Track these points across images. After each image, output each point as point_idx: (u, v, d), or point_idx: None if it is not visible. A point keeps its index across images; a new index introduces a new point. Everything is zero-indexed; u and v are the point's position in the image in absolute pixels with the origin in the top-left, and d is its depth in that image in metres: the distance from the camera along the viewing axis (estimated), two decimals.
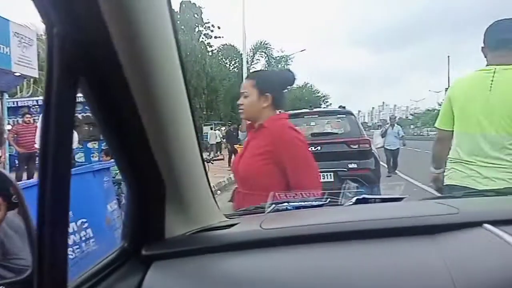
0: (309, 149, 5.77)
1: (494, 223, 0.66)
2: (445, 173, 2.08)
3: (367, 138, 5.46)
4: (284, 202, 1.13)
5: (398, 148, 9.91)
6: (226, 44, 27.34)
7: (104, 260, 0.66)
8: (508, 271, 0.53)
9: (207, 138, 17.58)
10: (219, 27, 27.28)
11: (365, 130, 5.83)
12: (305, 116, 5.77)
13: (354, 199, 1.02)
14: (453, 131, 1.99)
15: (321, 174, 4.99)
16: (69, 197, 0.46)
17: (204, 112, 26.04)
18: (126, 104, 0.53)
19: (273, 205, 1.09)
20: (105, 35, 0.46)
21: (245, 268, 0.64)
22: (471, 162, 1.87)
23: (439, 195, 2.00)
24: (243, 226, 0.79)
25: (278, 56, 28.48)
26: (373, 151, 5.39)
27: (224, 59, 27.97)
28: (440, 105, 2.41)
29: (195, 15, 26.19)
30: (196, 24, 26.48)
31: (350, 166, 5.00)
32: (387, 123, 10.22)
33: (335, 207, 1.06)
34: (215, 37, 27.43)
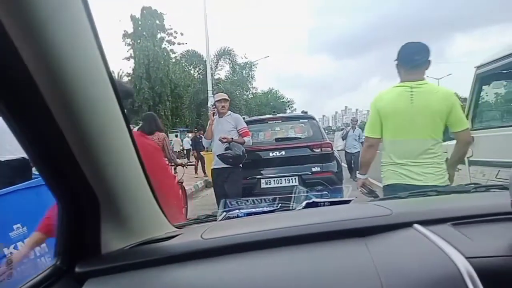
0: (274, 154, 5.75)
1: (424, 223, 0.69)
2: (382, 175, 2.38)
3: (329, 142, 5.58)
4: (236, 209, 1.13)
5: (358, 152, 9.35)
6: (189, 51, 27.05)
7: (34, 279, 0.61)
8: (433, 270, 0.54)
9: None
10: (182, 34, 27.12)
11: (330, 133, 5.94)
12: (269, 122, 5.81)
13: (304, 204, 1.04)
14: (380, 138, 2.31)
15: (286, 178, 5.12)
16: None
17: (169, 119, 25.59)
18: (44, 117, 0.51)
19: (224, 213, 1.09)
20: (16, 55, 0.45)
21: (183, 280, 0.62)
22: (404, 163, 2.23)
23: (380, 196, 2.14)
24: (184, 237, 0.77)
25: (242, 63, 28.62)
26: (335, 154, 5.51)
27: (188, 66, 27.67)
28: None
29: (157, 21, 25.81)
30: (158, 31, 26.10)
31: (313, 169, 5.08)
32: (349, 126, 9.97)
33: (284, 212, 1.06)
34: (178, 44, 27.20)
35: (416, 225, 0.69)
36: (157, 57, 24.72)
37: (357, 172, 2.65)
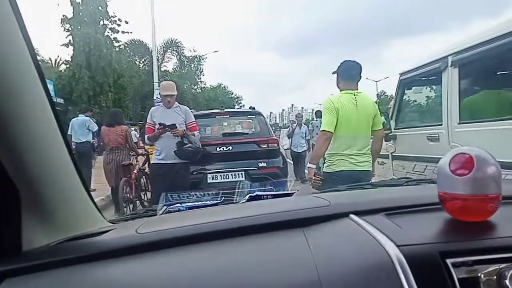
0: (221, 148, 5.66)
1: (359, 213, 0.72)
2: (333, 164, 2.87)
3: (276, 137, 5.68)
4: (177, 203, 1.11)
5: (305, 151, 8.83)
6: (134, 40, 25.86)
7: None
8: (367, 258, 0.57)
9: None
10: (126, 22, 25.69)
11: (276, 130, 6.04)
12: (216, 116, 5.77)
13: (247, 197, 1.04)
14: (332, 133, 2.80)
15: (233, 173, 5.11)
16: None
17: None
18: None
19: (165, 207, 1.07)
20: None
21: (113, 277, 0.59)
22: (351, 154, 2.81)
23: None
24: (117, 232, 0.74)
25: (191, 56, 28.04)
26: (281, 150, 5.63)
27: (133, 56, 26.45)
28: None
29: (100, 8, 24.23)
30: (101, 17, 24.53)
31: (260, 165, 5.14)
32: (295, 123, 9.30)
33: (227, 206, 1.06)
34: (123, 32, 25.74)
35: (352, 215, 0.71)
36: (99, 45, 23.23)
37: (308, 162, 3.11)
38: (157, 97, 13.45)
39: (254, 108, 6.22)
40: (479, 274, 0.53)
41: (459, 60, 2.87)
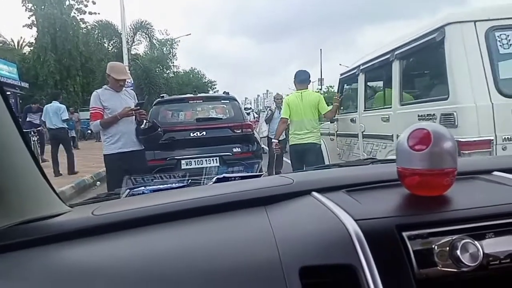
0: (195, 134, 5.54)
1: (321, 190, 0.74)
2: (291, 140, 4.52)
3: (249, 122, 5.67)
4: (141, 186, 1.10)
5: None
6: (102, 21, 24.76)
7: None
8: (326, 233, 0.58)
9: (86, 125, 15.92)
10: (94, 2, 24.57)
11: (249, 115, 5.98)
12: (190, 101, 5.66)
13: (214, 179, 1.05)
14: (289, 119, 4.44)
15: (207, 158, 5.08)
16: None
17: (79, 96, 23.38)
18: None
19: (128, 190, 1.05)
20: None
21: (67, 260, 0.58)
22: (300, 133, 4.35)
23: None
24: (73, 214, 0.73)
25: (163, 39, 27.24)
26: (255, 135, 5.62)
27: (101, 38, 25.37)
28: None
29: None
30: None
31: (234, 150, 5.12)
32: (269, 108, 8.10)
33: (193, 187, 1.04)
34: (90, 13, 24.62)
35: (314, 193, 0.73)
36: (65, 26, 22.12)
37: (273, 137, 4.90)
38: (127, 81, 13.03)
39: (228, 93, 6.15)
40: (433, 246, 0.55)
41: (364, 69, 4.28)
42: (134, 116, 3.56)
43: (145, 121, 3.73)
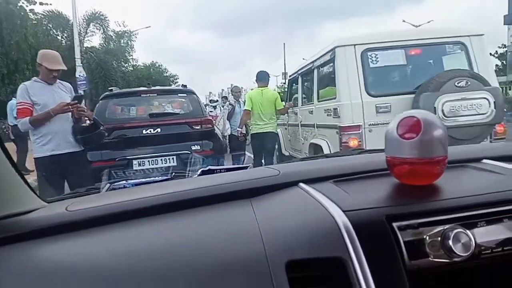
0: (148, 131, 5.10)
1: (308, 181, 0.73)
2: (252, 129, 5.51)
3: (210, 118, 5.29)
4: (122, 180, 1.10)
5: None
6: (53, 12, 23.15)
7: None
8: (314, 224, 0.56)
9: None
10: None
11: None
12: (142, 95, 5.19)
13: (199, 171, 1.04)
14: (251, 111, 5.41)
15: (163, 158, 4.63)
16: None
17: None
18: None
19: (109, 185, 1.05)
20: None
21: (39, 258, 0.56)
22: (259, 123, 5.37)
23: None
24: (47, 210, 0.71)
25: (120, 31, 25.94)
26: (216, 131, 5.25)
27: (52, 29, 23.75)
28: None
29: None
30: None
31: (193, 148, 4.72)
32: (229, 102, 7.32)
33: (177, 180, 1.02)
34: (40, 3, 22.91)
35: (301, 184, 0.72)
36: (12, 17, 20.48)
37: (238, 126, 5.99)
38: (79, 75, 12.19)
39: (186, 86, 5.70)
40: (424, 236, 0.55)
41: (301, 73, 5.60)
42: (70, 113, 3.07)
43: (84, 118, 3.26)
